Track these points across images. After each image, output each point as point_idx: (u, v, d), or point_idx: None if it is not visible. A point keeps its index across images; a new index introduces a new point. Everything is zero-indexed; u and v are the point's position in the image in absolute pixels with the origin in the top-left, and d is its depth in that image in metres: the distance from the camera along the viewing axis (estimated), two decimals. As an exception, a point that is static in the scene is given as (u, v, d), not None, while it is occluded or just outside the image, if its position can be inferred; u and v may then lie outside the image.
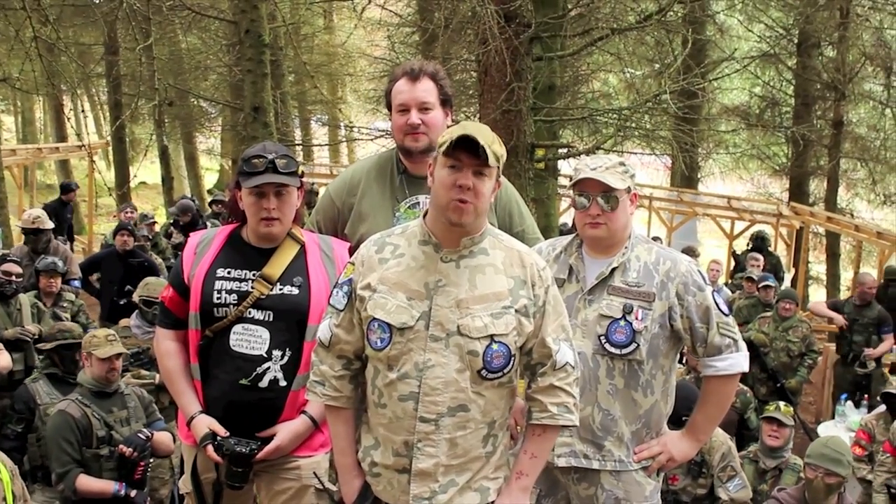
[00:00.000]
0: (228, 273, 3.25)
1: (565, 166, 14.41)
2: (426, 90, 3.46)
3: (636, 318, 3.17)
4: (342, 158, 29.38)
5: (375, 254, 2.86)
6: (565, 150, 10.42)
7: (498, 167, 2.76)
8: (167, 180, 20.62)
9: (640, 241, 3.35)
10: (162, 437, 5.23)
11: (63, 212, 13.90)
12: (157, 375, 6.43)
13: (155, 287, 6.98)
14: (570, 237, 3.41)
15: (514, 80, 6.42)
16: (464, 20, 9.12)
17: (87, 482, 4.92)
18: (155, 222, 11.77)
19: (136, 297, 7.03)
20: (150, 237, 11.28)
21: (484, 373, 2.73)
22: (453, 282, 2.76)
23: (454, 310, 2.74)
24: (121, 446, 4.99)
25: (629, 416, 3.21)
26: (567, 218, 17.29)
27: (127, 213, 11.45)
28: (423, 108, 3.46)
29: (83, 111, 10.98)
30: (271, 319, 3.21)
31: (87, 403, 5.04)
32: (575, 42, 9.28)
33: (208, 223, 12.83)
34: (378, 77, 22.59)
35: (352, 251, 3.58)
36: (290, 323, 3.22)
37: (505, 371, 2.76)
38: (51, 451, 4.99)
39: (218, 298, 3.21)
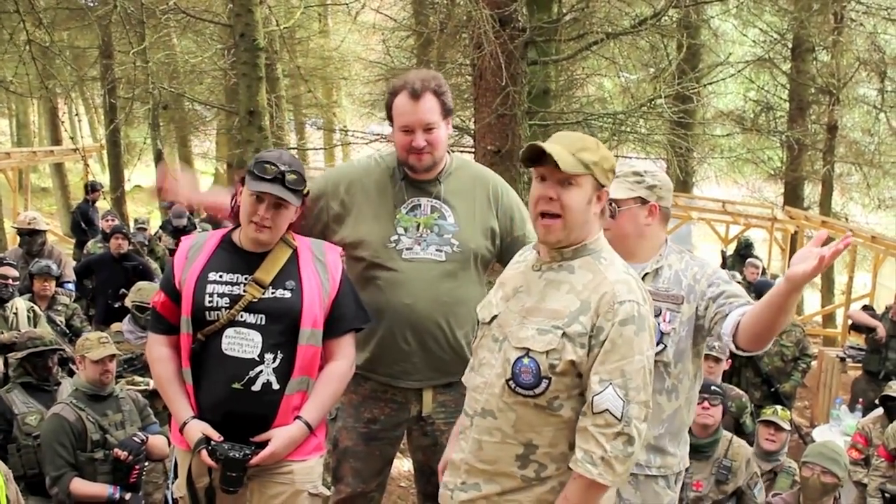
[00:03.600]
0: (220, 277, 3.25)
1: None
2: (430, 109, 3.44)
3: (664, 321, 3.19)
4: (337, 162, 29.40)
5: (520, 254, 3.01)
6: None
7: (591, 174, 2.66)
8: (163, 184, 20.58)
9: (674, 250, 3.37)
10: (156, 441, 5.23)
11: (91, 213, 13.74)
12: (151, 381, 6.42)
13: (148, 292, 6.96)
14: None
15: (510, 84, 6.41)
16: (459, 24, 9.12)
17: (81, 486, 4.91)
18: (145, 228, 11.72)
19: (128, 303, 7.01)
20: (147, 242, 11.25)
21: (511, 384, 2.69)
22: (529, 290, 2.78)
23: (516, 317, 2.75)
24: (116, 450, 4.98)
25: (652, 421, 3.13)
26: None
27: (108, 220, 11.41)
28: (427, 128, 3.45)
29: (77, 115, 10.97)
30: (263, 323, 3.21)
31: (82, 407, 5.03)
32: (570, 46, 9.27)
33: (200, 227, 12.83)
34: (373, 81, 22.60)
35: (344, 250, 3.58)
36: (282, 327, 3.21)
37: (535, 391, 2.66)
38: (45, 455, 4.96)
39: (210, 302, 3.21)
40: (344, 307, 3.32)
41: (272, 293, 3.22)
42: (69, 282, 8.81)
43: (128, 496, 5.01)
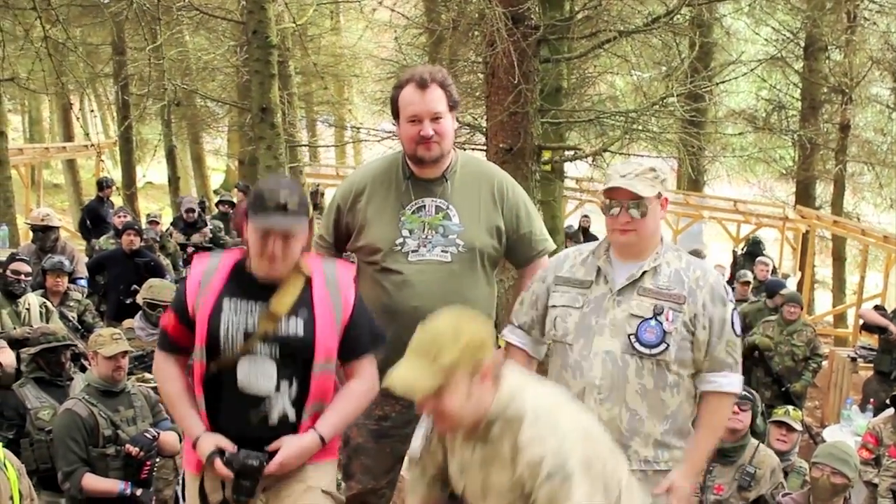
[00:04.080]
0: (234, 307, 3.18)
1: (572, 168, 14.43)
2: (437, 99, 3.45)
3: (667, 320, 3.19)
4: (348, 159, 29.41)
5: None
6: (572, 153, 10.42)
7: (461, 370, 2.70)
8: (174, 180, 20.69)
9: (670, 247, 3.38)
10: (168, 437, 5.22)
11: (102, 209, 13.75)
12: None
13: (159, 289, 6.98)
14: (596, 243, 3.43)
15: (522, 82, 6.41)
16: (471, 22, 9.12)
17: (92, 481, 4.93)
18: (157, 222, 11.74)
19: (140, 300, 7.03)
20: (158, 238, 11.27)
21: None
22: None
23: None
24: (127, 446, 4.99)
25: (657, 416, 3.22)
26: (573, 220, 17.32)
27: (120, 216, 11.44)
28: (435, 117, 3.45)
29: (92, 111, 11.01)
30: (278, 355, 3.16)
31: (94, 402, 5.04)
32: (582, 44, 9.27)
33: (212, 224, 12.85)
34: (384, 79, 22.58)
35: (358, 256, 3.58)
36: (296, 358, 3.17)
37: None
38: (57, 450, 4.98)
39: (224, 333, 3.16)
40: (357, 332, 3.27)
41: (286, 325, 3.17)
42: (82, 278, 8.83)
43: (139, 492, 5.01)
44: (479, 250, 3.57)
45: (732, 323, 3.25)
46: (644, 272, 3.25)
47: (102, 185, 14.47)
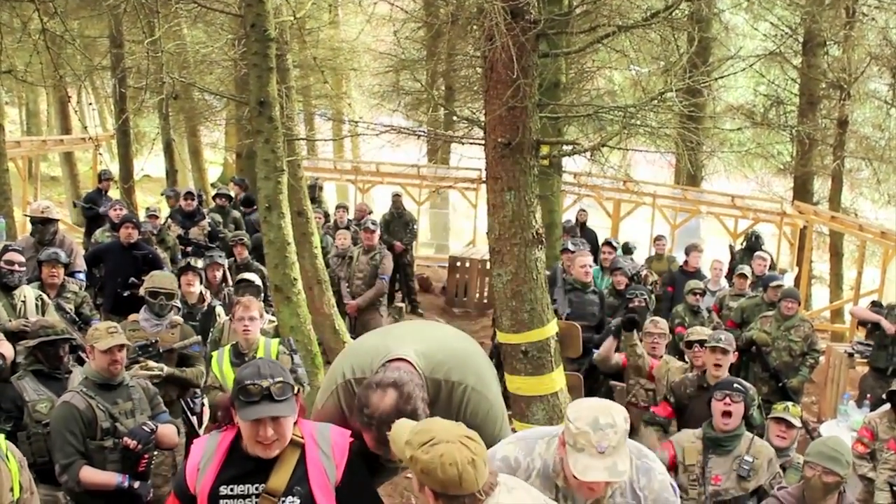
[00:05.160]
0: (232, 490, 3.27)
1: (569, 163, 14.39)
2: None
3: None
4: (346, 153, 29.39)
5: None
6: (570, 148, 10.41)
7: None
8: (171, 173, 20.64)
9: None
10: (166, 430, 5.24)
11: (100, 201, 13.73)
12: (165, 367, 6.45)
13: (160, 279, 6.98)
14: (540, 442, 3.41)
15: (521, 76, 6.38)
16: (470, 16, 9.11)
17: (90, 474, 4.94)
18: (157, 216, 11.73)
19: (142, 291, 7.02)
20: (157, 231, 11.26)
21: None
22: None
23: None
24: (125, 438, 5.00)
25: None
26: (570, 215, 17.32)
27: (116, 209, 11.46)
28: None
29: (90, 104, 11.00)
30: None
31: (92, 395, 5.05)
32: (581, 39, 9.26)
33: (210, 217, 12.83)
34: (383, 72, 22.63)
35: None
36: None
37: None
38: (55, 443, 4.98)
39: None
40: (351, 495, 3.32)
41: (284, 501, 3.24)
42: (80, 271, 8.82)
43: (136, 485, 5.02)
44: None
45: None
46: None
47: (101, 177, 14.46)
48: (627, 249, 13.83)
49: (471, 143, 9.09)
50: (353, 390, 3.63)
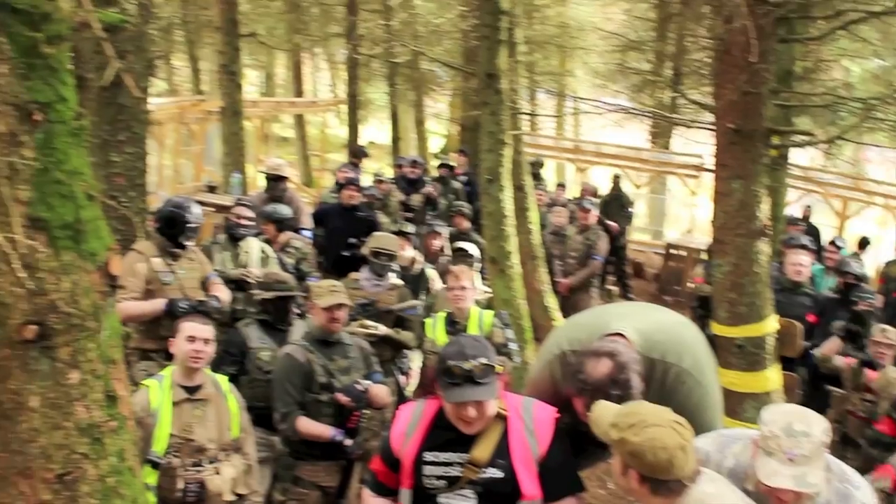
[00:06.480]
0: (436, 457, 3.35)
1: (796, 156, 13.77)
2: None
3: None
4: (567, 131, 29.26)
5: None
6: (803, 138, 9.93)
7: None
8: (396, 141, 21.15)
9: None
10: (378, 390, 5.32)
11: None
12: (381, 327, 6.59)
13: (382, 240, 7.12)
14: (741, 445, 3.24)
15: (759, 60, 6.12)
16: (704, -3, 8.83)
17: (307, 425, 5.10)
18: (383, 181, 11.99)
19: (364, 250, 7.19)
20: (381, 197, 11.50)
21: None
22: None
23: None
24: (338, 394, 5.13)
25: None
26: (793, 210, 16.58)
27: (342, 171, 11.72)
28: None
29: (329, 69, 11.37)
30: (478, 499, 3.32)
31: (312, 350, 5.20)
32: (821, 25, 8.80)
33: (431, 184, 13.00)
34: (609, 52, 22.36)
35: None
36: (498, 500, 3.30)
37: None
38: (275, 391, 5.17)
39: (427, 483, 3.35)
40: (554, 474, 3.33)
41: (486, 472, 3.30)
42: (307, 229, 9.13)
43: (348, 442, 5.15)
44: None
45: None
46: None
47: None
48: (865, 243, 13.12)
49: (699, 128, 8.84)
50: (568, 362, 3.62)
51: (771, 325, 6.16)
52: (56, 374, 2.48)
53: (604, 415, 2.92)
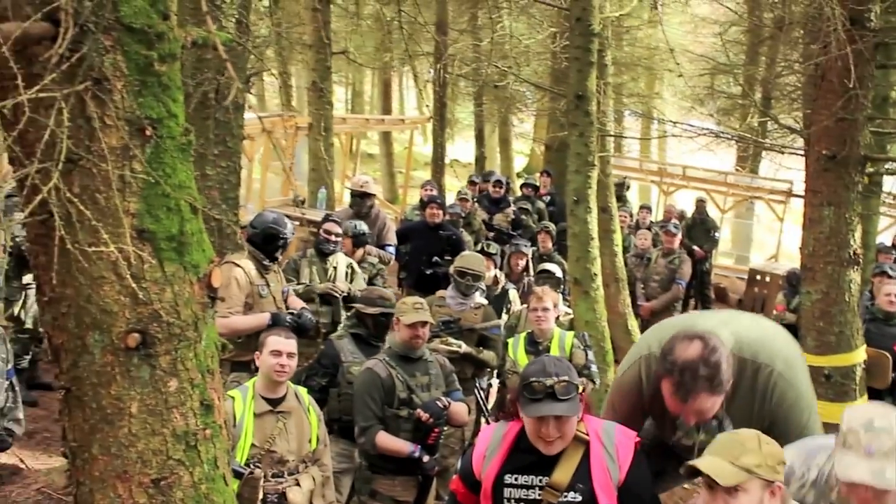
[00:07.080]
0: (516, 480, 3.37)
1: (888, 183, 13.44)
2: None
3: None
4: (652, 154, 29.04)
5: None
6: (899, 167, 9.74)
7: (757, 477, 2.76)
8: (480, 160, 21.23)
9: None
10: (458, 408, 5.37)
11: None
12: (463, 345, 6.63)
13: (470, 260, 7.15)
14: (825, 455, 3.17)
15: (856, 86, 6.05)
16: (798, 21, 8.72)
17: (386, 440, 5.14)
18: (467, 199, 12.06)
19: (451, 269, 7.25)
20: (464, 215, 11.55)
21: None
22: None
23: None
24: (418, 411, 5.16)
25: None
26: (885, 237, 16.19)
27: (426, 189, 11.81)
28: None
29: (416, 87, 11.49)
30: None
31: (393, 365, 5.26)
32: (918, 52, 8.63)
33: (516, 205, 13.03)
34: (697, 75, 22.15)
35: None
36: None
37: None
38: (356, 406, 5.23)
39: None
40: (633, 497, 3.32)
41: (566, 496, 3.30)
42: (391, 245, 9.23)
43: (426, 458, 5.17)
44: None
45: None
46: None
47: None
48: None
49: (791, 153, 8.72)
50: (654, 364, 3.65)
51: (860, 355, 6.06)
52: (156, 381, 2.58)
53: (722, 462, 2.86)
